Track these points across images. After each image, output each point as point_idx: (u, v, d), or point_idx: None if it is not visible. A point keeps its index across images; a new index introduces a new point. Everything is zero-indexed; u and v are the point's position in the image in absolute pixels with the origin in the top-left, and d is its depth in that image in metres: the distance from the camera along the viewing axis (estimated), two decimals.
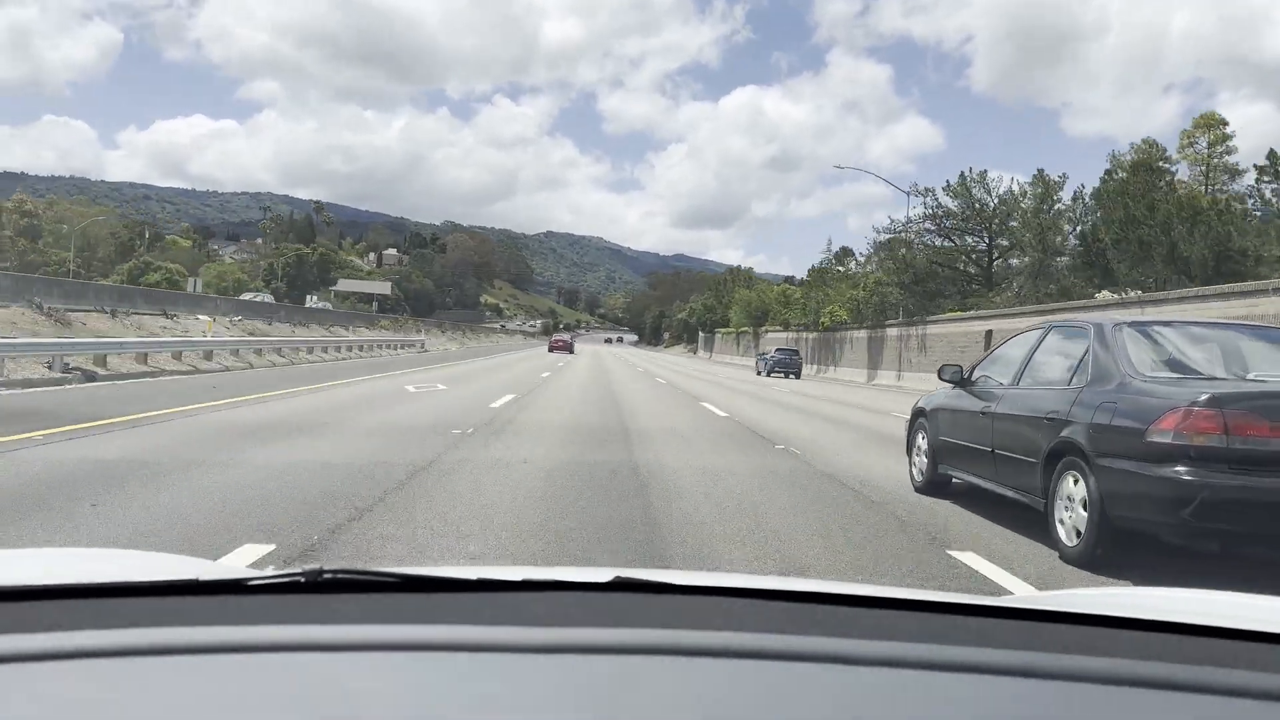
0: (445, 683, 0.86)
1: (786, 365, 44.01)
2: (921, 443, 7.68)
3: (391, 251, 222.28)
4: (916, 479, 7.72)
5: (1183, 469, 4.61)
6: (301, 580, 1.08)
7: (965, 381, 7.14)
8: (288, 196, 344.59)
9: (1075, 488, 5.26)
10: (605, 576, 1.14)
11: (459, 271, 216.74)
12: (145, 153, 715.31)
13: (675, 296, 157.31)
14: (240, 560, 4.28)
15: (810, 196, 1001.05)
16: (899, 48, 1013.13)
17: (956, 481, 7.23)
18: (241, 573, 1.19)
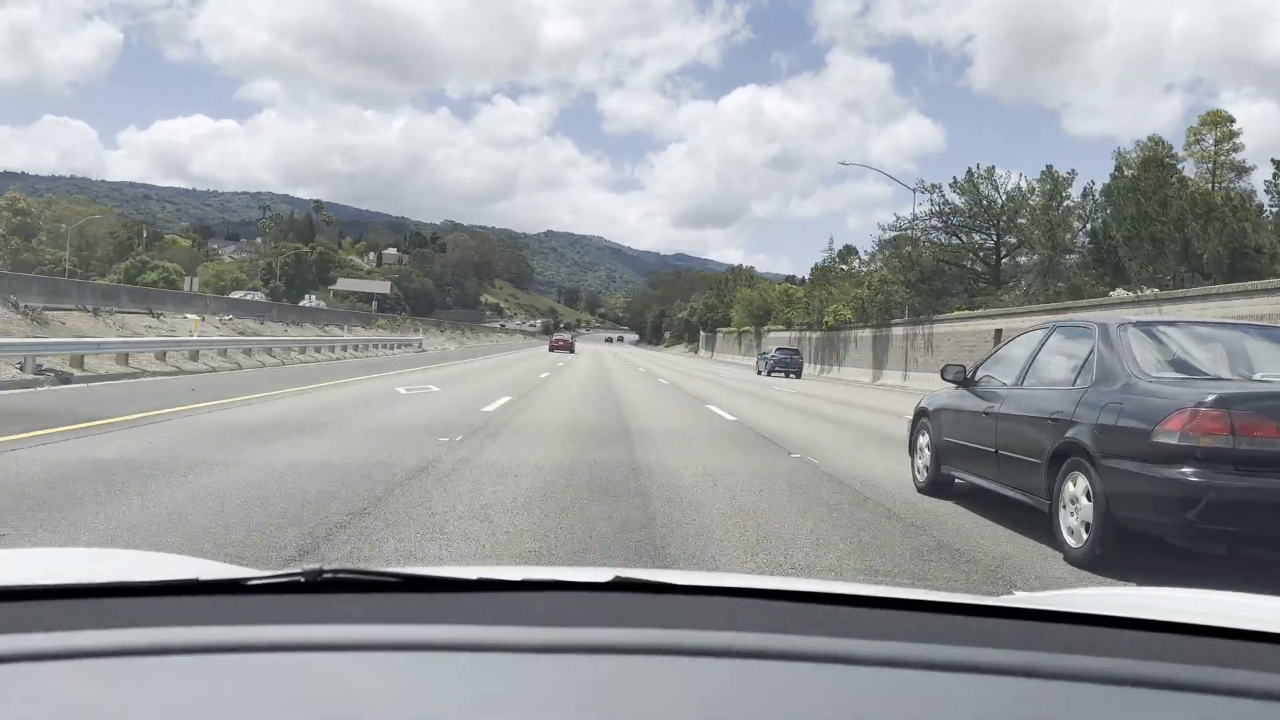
0: (446, 683, 0.86)
1: (787, 365, 43.79)
2: (924, 443, 7.66)
3: (391, 251, 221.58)
4: (919, 479, 7.69)
5: (1189, 470, 4.57)
6: (301, 580, 1.08)
7: (968, 381, 7.09)
8: (288, 196, 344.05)
9: (1080, 489, 5.21)
10: (605, 576, 1.13)
11: (459, 271, 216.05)
12: (146, 153, 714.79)
13: (676, 296, 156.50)
14: None
15: (811, 196, 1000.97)
16: (899, 47, 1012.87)
17: (959, 482, 7.18)
18: (241, 572, 1.18)
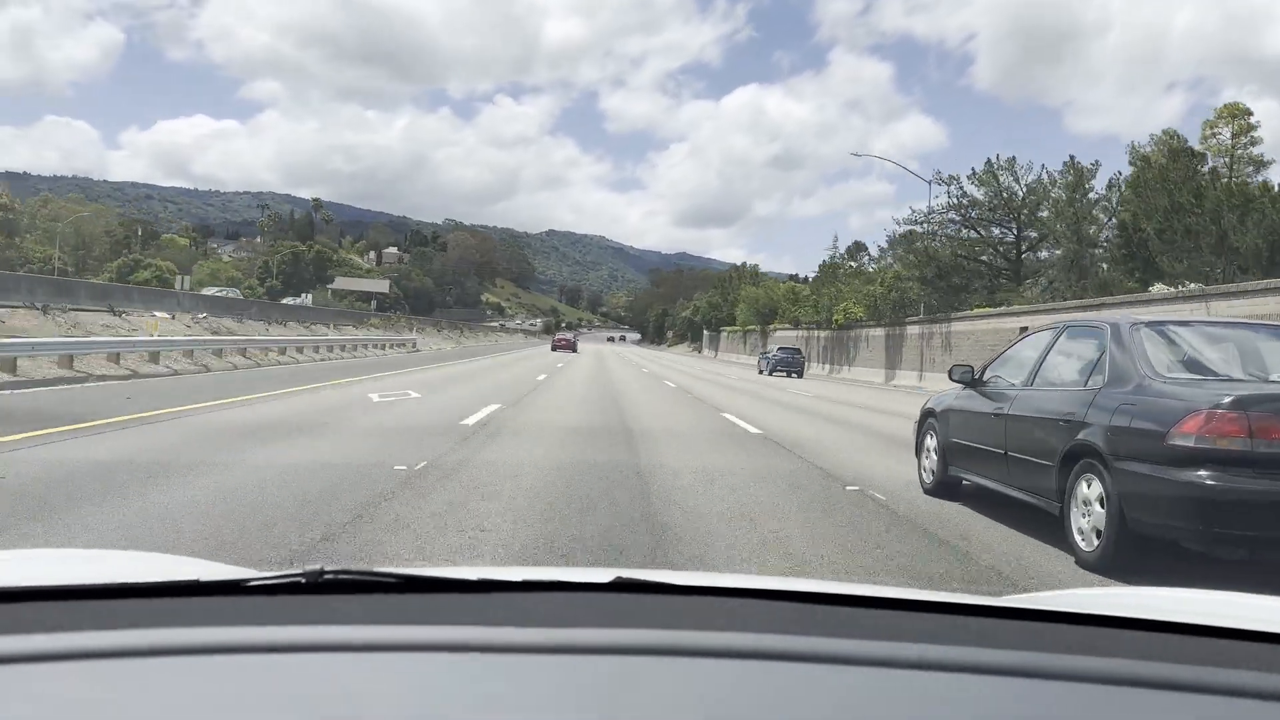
0: (446, 683, 0.86)
1: (789, 364, 43.39)
2: (931, 444, 7.60)
3: (392, 250, 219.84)
4: (926, 480, 7.63)
5: (1205, 473, 4.51)
6: (302, 581, 1.07)
7: (976, 382, 7.06)
8: (290, 196, 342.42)
9: (1092, 491, 5.16)
10: (606, 577, 1.13)
11: (460, 270, 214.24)
12: (148, 153, 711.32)
13: (678, 295, 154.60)
14: None
15: (813, 195, 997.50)
16: (901, 46, 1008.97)
17: (966, 484, 7.13)
18: (241, 573, 1.17)
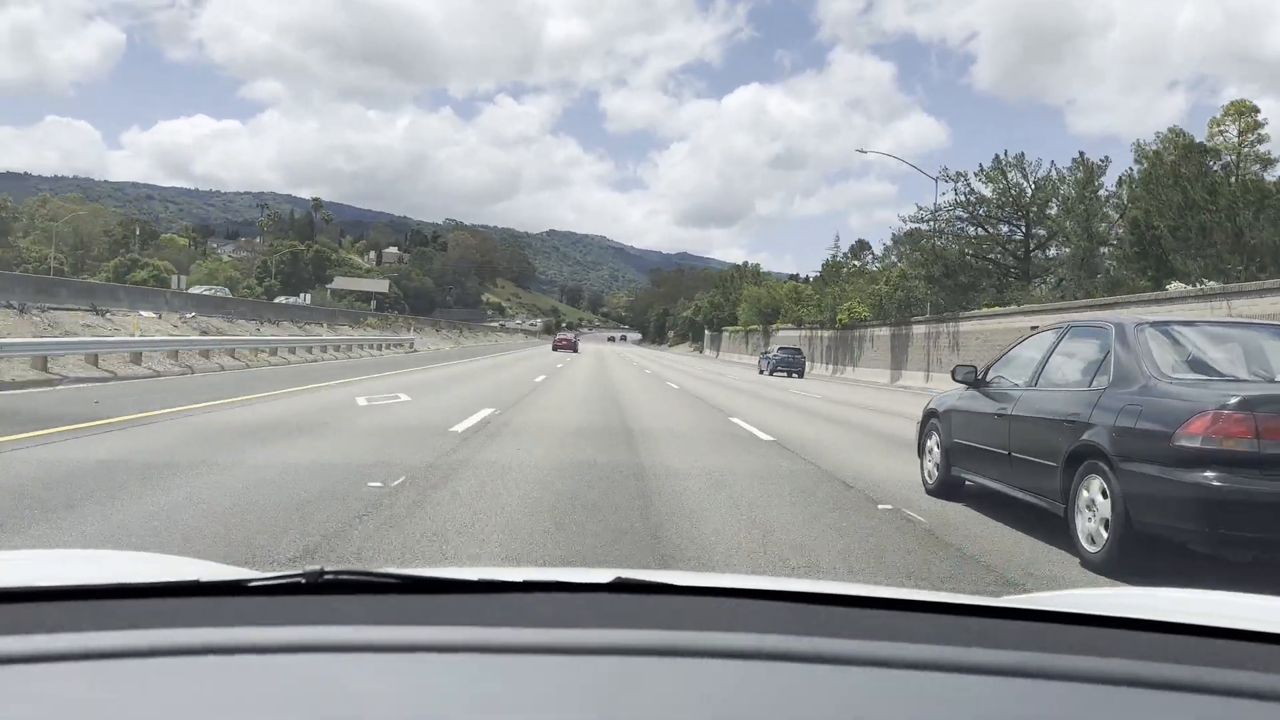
0: (447, 684, 0.86)
1: (789, 364, 43.32)
2: (934, 444, 7.63)
3: (392, 250, 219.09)
4: (929, 481, 7.67)
5: (1212, 474, 4.48)
6: (302, 581, 1.07)
7: (979, 382, 7.07)
8: (291, 196, 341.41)
9: (1097, 492, 5.11)
10: (607, 577, 1.13)
11: (460, 270, 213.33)
12: (149, 153, 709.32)
13: (679, 294, 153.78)
14: None
15: (814, 195, 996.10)
16: (902, 45, 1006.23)
17: (969, 484, 7.16)
18: (242, 574, 1.18)
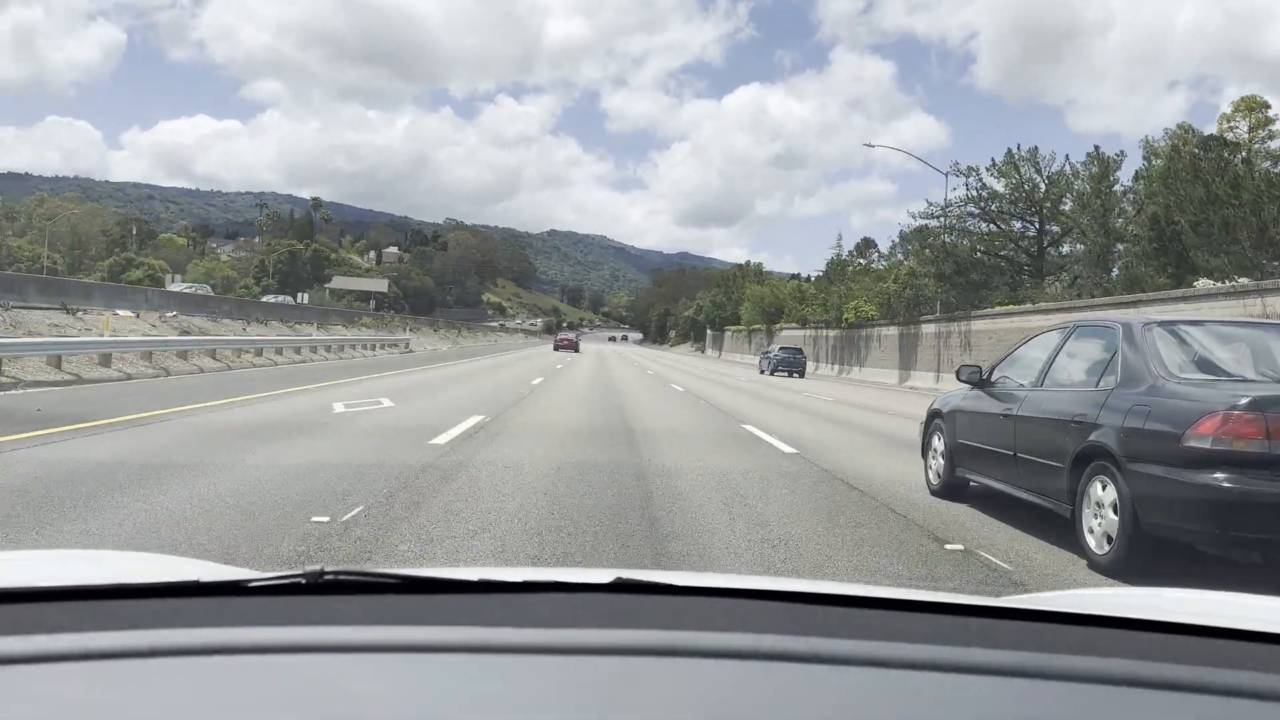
0: (446, 684, 0.86)
1: (790, 364, 43.07)
2: (938, 445, 7.60)
3: (392, 250, 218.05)
4: (933, 482, 7.64)
5: (1222, 475, 4.45)
6: (302, 581, 1.07)
7: (984, 382, 7.02)
8: (291, 196, 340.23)
9: (1105, 493, 5.08)
10: (606, 577, 1.13)
11: (461, 269, 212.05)
12: (149, 153, 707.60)
13: (681, 294, 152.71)
14: None
15: (814, 195, 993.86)
16: (903, 45, 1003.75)
17: (974, 485, 7.14)
18: (241, 574, 1.17)
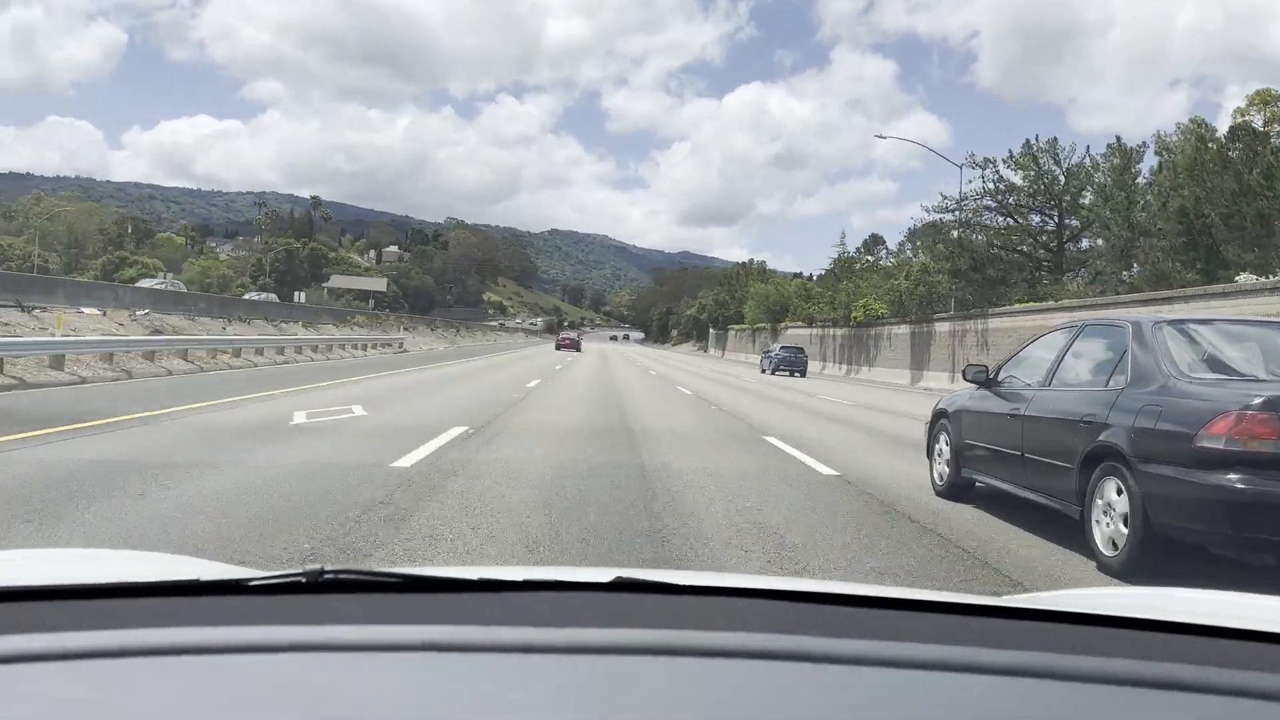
0: (446, 683, 0.86)
1: (791, 363, 42.75)
2: (943, 445, 7.56)
3: (393, 249, 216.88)
4: (938, 483, 7.60)
5: (1235, 476, 4.42)
6: (302, 581, 1.07)
7: (990, 382, 6.96)
8: (292, 196, 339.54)
9: (1115, 494, 5.05)
10: (607, 576, 1.13)
11: (462, 268, 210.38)
12: (150, 153, 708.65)
13: (683, 293, 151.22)
14: None
15: (815, 194, 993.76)
16: (903, 44, 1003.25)
17: (980, 486, 7.12)
18: (242, 573, 1.17)
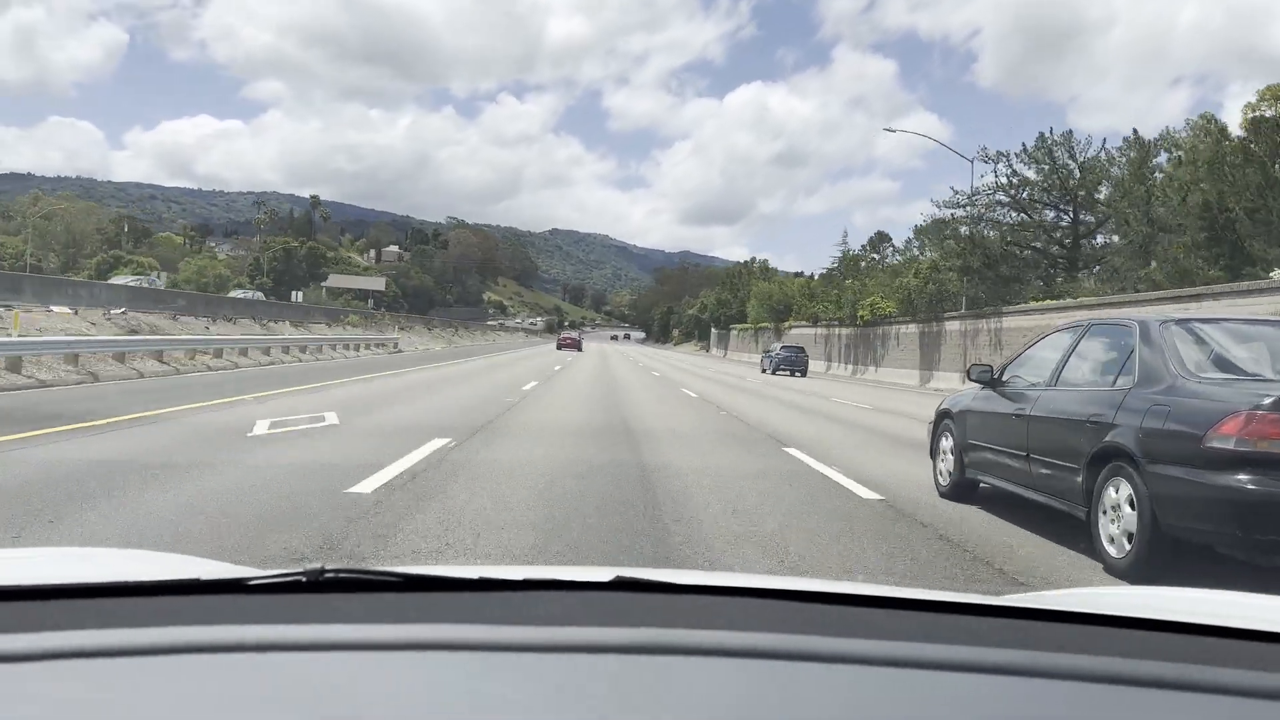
0: (447, 682, 0.86)
1: (792, 363, 42.45)
2: (947, 446, 7.51)
3: (393, 248, 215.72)
4: (941, 483, 7.54)
5: (1245, 477, 4.35)
6: (303, 580, 1.07)
7: (995, 382, 6.91)
8: (293, 195, 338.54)
9: (1122, 495, 5.01)
10: (606, 576, 1.12)
11: (462, 268, 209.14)
12: (151, 153, 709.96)
13: (684, 293, 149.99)
14: None
15: (816, 193, 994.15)
16: (905, 43, 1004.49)
17: (984, 486, 7.09)
18: (243, 572, 1.17)
